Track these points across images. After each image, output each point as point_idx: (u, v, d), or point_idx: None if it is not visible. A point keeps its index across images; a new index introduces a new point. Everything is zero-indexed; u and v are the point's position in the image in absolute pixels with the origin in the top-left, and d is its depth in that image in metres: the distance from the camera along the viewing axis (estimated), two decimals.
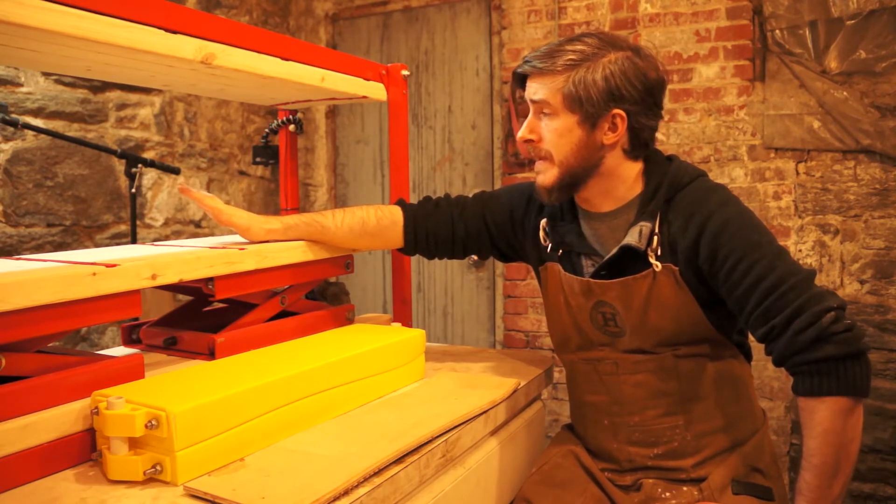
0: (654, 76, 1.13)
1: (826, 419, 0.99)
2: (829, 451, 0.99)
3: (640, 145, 1.16)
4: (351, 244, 1.40)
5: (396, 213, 1.39)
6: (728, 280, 1.07)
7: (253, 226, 1.29)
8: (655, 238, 1.13)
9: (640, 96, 1.12)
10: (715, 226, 1.08)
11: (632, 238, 1.13)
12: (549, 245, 1.27)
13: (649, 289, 1.13)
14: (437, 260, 1.49)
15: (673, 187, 1.15)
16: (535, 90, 1.15)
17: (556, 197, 1.19)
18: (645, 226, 1.13)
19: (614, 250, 1.15)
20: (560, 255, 1.26)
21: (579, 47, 1.12)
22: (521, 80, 1.20)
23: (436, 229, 1.38)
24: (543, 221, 1.29)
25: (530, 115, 1.18)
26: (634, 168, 1.18)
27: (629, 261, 1.15)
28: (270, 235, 1.31)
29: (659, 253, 1.13)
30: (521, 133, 1.18)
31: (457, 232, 1.38)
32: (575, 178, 1.16)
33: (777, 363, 1.05)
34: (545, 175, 1.18)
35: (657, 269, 1.12)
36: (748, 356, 1.24)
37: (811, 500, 1.01)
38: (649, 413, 1.17)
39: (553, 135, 1.14)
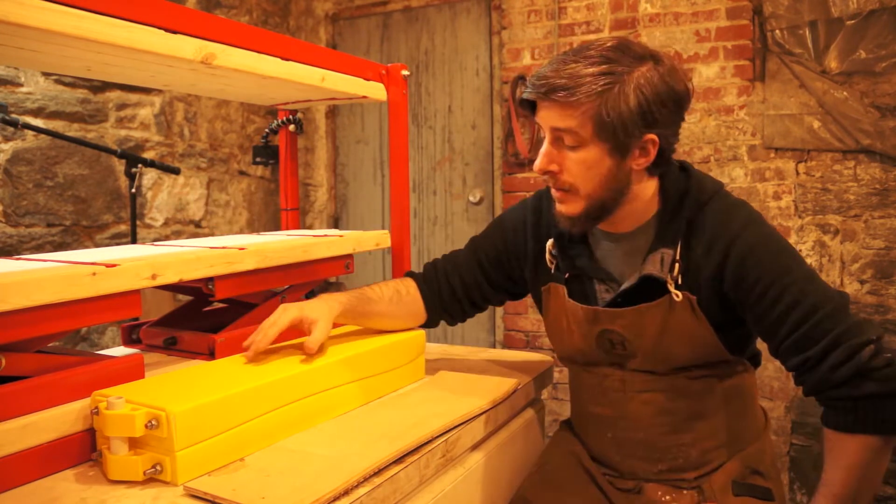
0: (683, 90, 1.03)
1: (854, 454, 0.96)
2: (851, 485, 0.97)
3: (664, 163, 1.08)
4: (392, 315, 1.27)
5: (410, 282, 1.32)
6: (757, 307, 1.01)
7: (324, 331, 1.12)
8: (677, 266, 1.06)
9: (672, 118, 1.03)
10: (741, 250, 1.02)
11: (653, 267, 1.07)
12: (555, 267, 1.20)
13: (664, 316, 1.07)
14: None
15: (693, 207, 1.07)
16: (556, 119, 1.02)
17: (580, 228, 1.10)
18: (666, 253, 1.06)
19: (633, 279, 1.09)
20: (567, 278, 1.18)
21: (605, 68, 0.99)
22: (531, 103, 1.07)
23: (449, 285, 1.30)
24: (550, 243, 1.20)
25: (547, 143, 1.05)
26: (652, 185, 1.10)
27: (646, 287, 1.08)
28: (339, 320, 1.19)
29: (679, 281, 1.06)
30: (540, 164, 1.06)
31: (455, 287, 1.30)
32: (604, 208, 1.07)
33: (808, 394, 1.01)
34: (569, 206, 1.07)
35: (677, 299, 1.05)
36: (757, 363, 1.21)
37: None
38: (655, 430, 1.14)
39: (580, 167, 1.03)
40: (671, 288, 1.06)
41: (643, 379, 1.13)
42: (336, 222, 3.66)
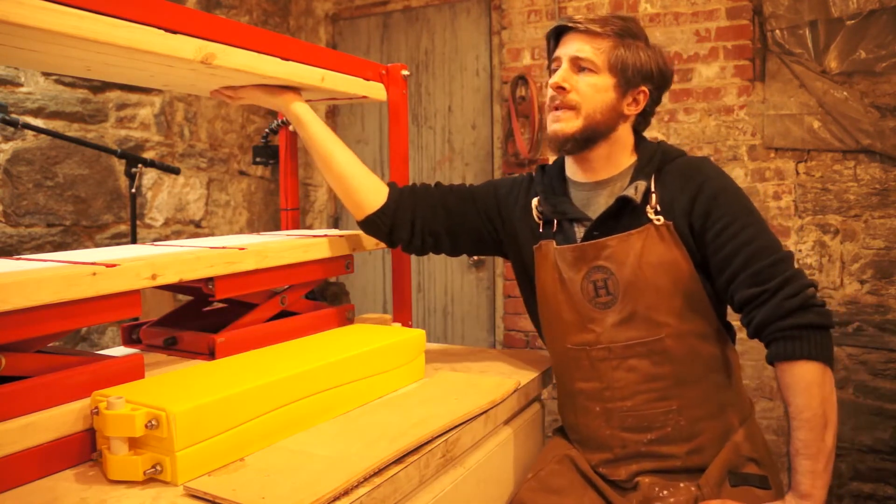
0: (671, 72, 1.28)
1: (808, 375, 1.06)
2: (815, 404, 1.05)
3: (645, 124, 1.29)
4: (344, 178, 1.35)
5: (383, 186, 1.37)
6: (717, 239, 1.14)
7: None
8: (653, 195, 1.19)
9: (661, 83, 1.25)
10: (712, 188, 1.16)
11: (629, 191, 1.18)
12: (542, 222, 1.29)
13: (643, 244, 1.17)
14: (431, 256, 1.48)
15: (664, 159, 1.23)
16: (580, 48, 1.21)
17: (569, 148, 1.24)
18: (640, 183, 1.19)
19: (611, 203, 1.20)
20: (554, 231, 1.27)
21: (630, 24, 1.23)
22: (557, 35, 1.26)
23: (423, 206, 1.35)
24: (535, 200, 1.31)
25: (565, 66, 1.22)
26: (631, 138, 1.28)
27: (623, 218, 1.19)
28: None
29: (658, 209, 1.18)
30: (556, 79, 1.22)
31: (438, 211, 1.36)
32: (595, 133, 1.22)
33: (758, 328, 1.10)
34: (566, 123, 1.22)
35: (658, 223, 1.17)
36: (733, 338, 1.27)
37: (810, 455, 1.05)
38: (642, 398, 1.18)
39: (590, 89, 1.20)
40: (651, 214, 1.18)
41: (627, 343, 1.19)
42: (336, 222, 3.66)
